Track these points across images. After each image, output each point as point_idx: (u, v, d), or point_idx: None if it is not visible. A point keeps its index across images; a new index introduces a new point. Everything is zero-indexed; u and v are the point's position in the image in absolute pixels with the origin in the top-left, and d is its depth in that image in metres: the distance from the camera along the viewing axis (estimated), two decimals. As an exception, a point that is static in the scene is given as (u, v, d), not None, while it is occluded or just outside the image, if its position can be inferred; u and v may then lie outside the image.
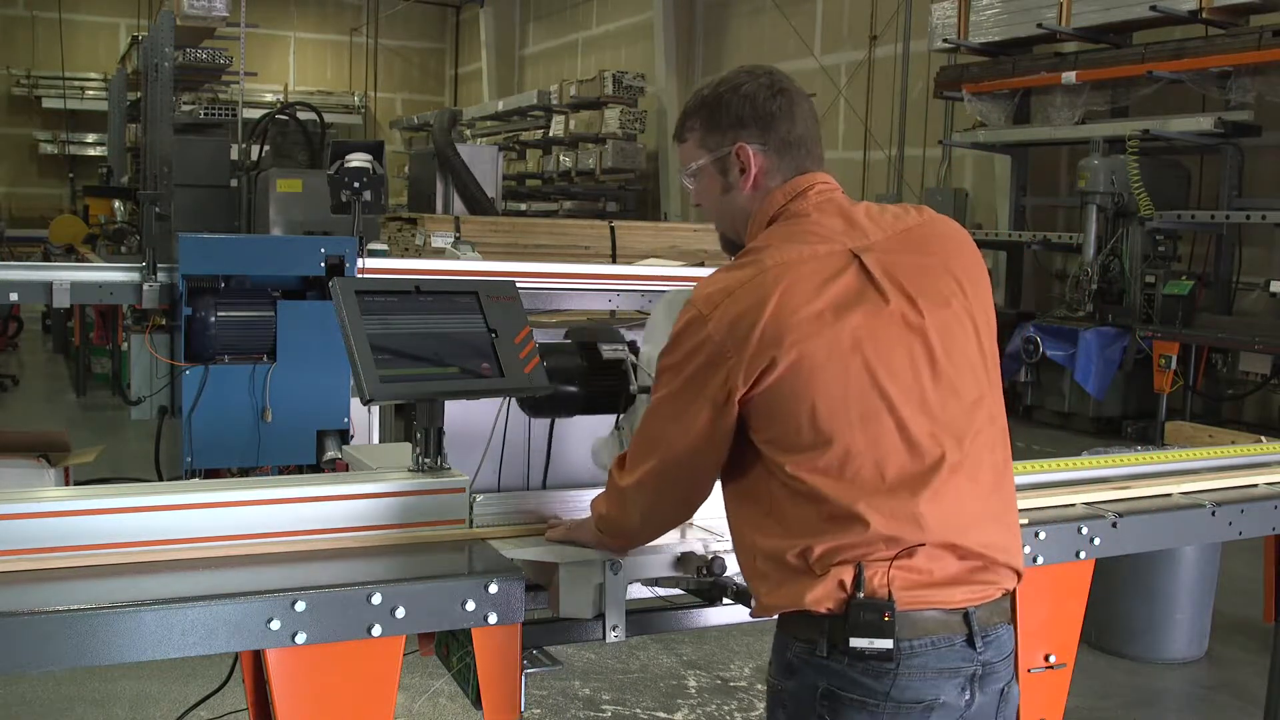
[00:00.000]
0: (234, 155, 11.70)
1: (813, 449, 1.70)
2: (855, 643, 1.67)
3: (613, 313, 5.59)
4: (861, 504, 1.68)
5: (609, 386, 2.28)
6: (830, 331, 1.70)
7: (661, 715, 4.05)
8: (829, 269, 1.74)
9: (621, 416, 2.31)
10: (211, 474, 4.74)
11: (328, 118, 13.47)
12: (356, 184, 5.65)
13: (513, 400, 2.31)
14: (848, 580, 1.68)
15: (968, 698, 1.75)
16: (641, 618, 2.15)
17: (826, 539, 1.69)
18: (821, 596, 1.69)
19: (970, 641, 1.73)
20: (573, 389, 2.26)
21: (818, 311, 1.70)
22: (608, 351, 2.32)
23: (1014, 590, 1.83)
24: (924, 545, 1.69)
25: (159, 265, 5.11)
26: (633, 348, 2.33)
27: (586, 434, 2.46)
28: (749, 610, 1.90)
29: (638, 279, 5.90)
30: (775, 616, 1.81)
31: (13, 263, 6.18)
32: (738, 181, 1.89)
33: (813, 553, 1.70)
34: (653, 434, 1.84)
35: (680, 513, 1.94)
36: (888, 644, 1.66)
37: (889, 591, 1.67)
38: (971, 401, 1.79)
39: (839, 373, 1.70)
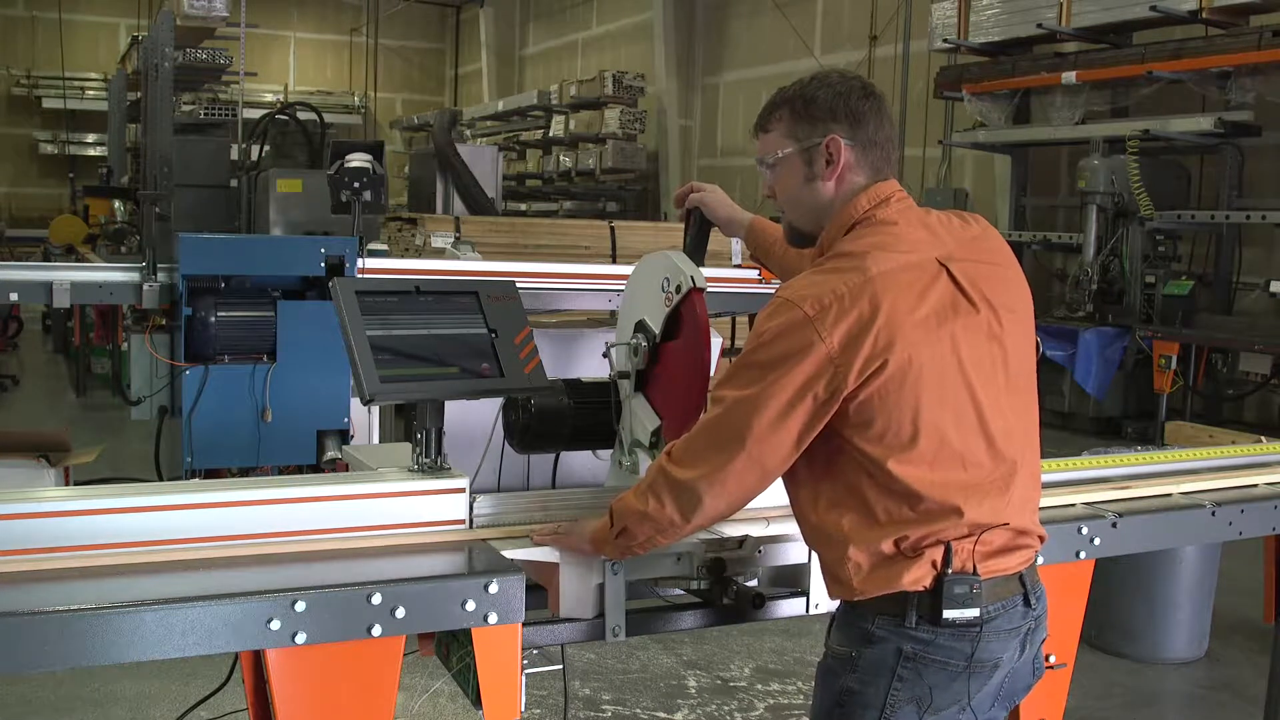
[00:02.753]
0: (234, 155, 11.69)
1: (910, 446, 1.80)
2: (949, 614, 1.81)
3: (613, 313, 5.58)
4: (955, 497, 1.82)
5: (597, 417, 2.30)
6: (934, 337, 1.82)
7: (661, 715, 4.05)
8: (925, 278, 1.85)
9: (620, 427, 2.31)
10: (211, 474, 4.73)
11: (328, 118, 13.45)
12: (356, 184, 5.65)
13: (513, 400, 2.32)
14: (938, 559, 1.82)
15: (1021, 652, 1.93)
16: (641, 618, 2.15)
17: (921, 528, 1.82)
18: (919, 577, 1.82)
19: (1027, 601, 1.91)
20: (562, 425, 2.30)
21: (923, 318, 1.81)
22: (588, 379, 2.37)
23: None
24: (1005, 524, 1.86)
25: (159, 265, 5.10)
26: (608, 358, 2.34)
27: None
28: (827, 592, 1.94)
29: (638, 279, 5.88)
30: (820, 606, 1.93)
31: (13, 263, 6.17)
32: (822, 173, 1.96)
33: (907, 540, 1.82)
34: (735, 429, 1.82)
35: (733, 509, 1.93)
36: (975, 612, 1.83)
37: (973, 565, 1.83)
38: (1027, 399, 1.97)
39: (939, 375, 1.82)
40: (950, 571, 1.81)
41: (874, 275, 1.80)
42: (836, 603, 1.96)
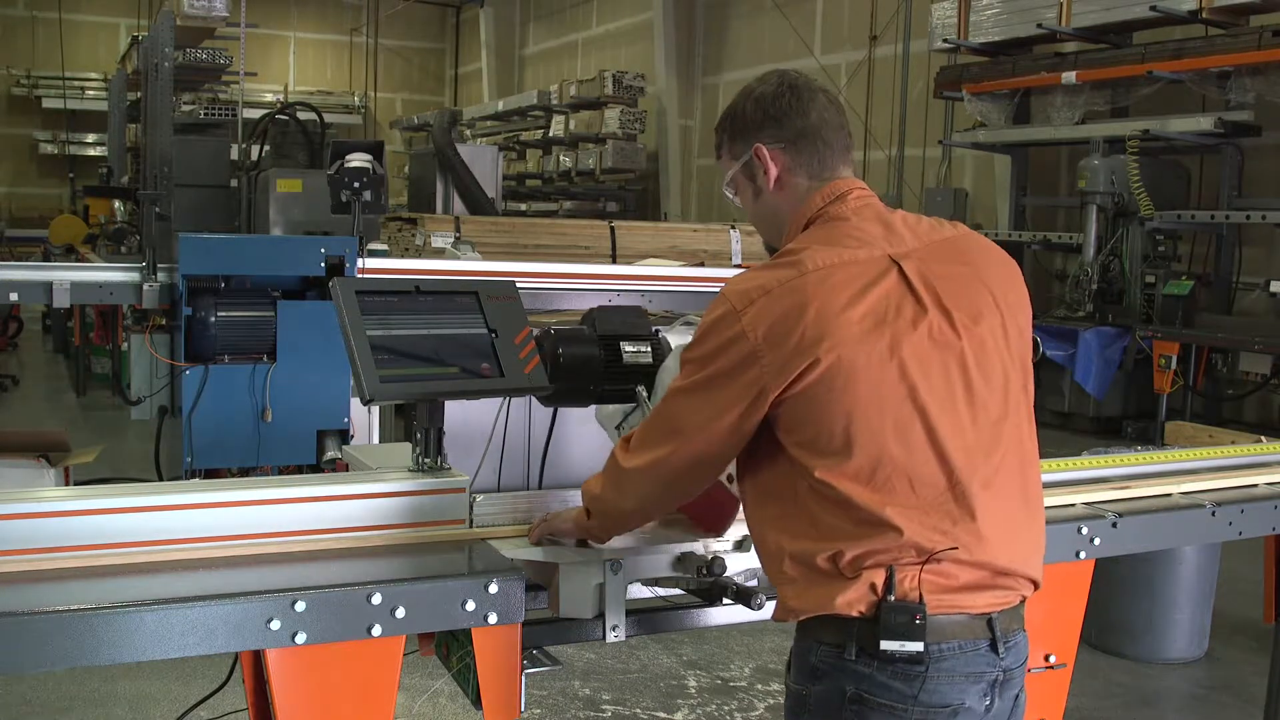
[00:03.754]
0: (234, 155, 11.69)
1: (844, 454, 1.70)
2: (886, 645, 1.67)
3: (612, 313, 5.58)
4: (893, 512, 1.69)
5: (623, 388, 2.26)
6: (870, 337, 1.70)
7: (661, 715, 4.05)
8: (869, 274, 1.75)
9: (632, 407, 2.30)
10: (211, 474, 4.74)
11: (328, 118, 13.46)
12: (356, 184, 5.65)
13: (513, 400, 2.31)
14: (879, 584, 1.69)
15: (988, 703, 1.76)
16: (641, 618, 2.15)
17: (858, 544, 1.70)
18: (853, 600, 1.69)
19: (994, 647, 1.75)
20: (586, 383, 2.24)
21: (858, 316, 1.71)
22: (629, 354, 2.27)
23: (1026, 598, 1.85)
24: (954, 549, 1.70)
25: (159, 265, 5.11)
26: (658, 345, 2.27)
27: (586, 434, 2.46)
28: (771, 613, 1.87)
29: (638, 279, 5.90)
30: (795, 621, 1.79)
31: (13, 263, 6.18)
32: (764, 183, 1.92)
33: (844, 557, 1.70)
34: (670, 422, 1.83)
35: (676, 503, 1.95)
36: (918, 646, 1.68)
37: (920, 595, 1.69)
38: (999, 416, 1.79)
39: (875, 380, 1.70)
40: (892, 598, 1.67)
41: (809, 270, 1.73)
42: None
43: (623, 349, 2.26)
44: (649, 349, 2.27)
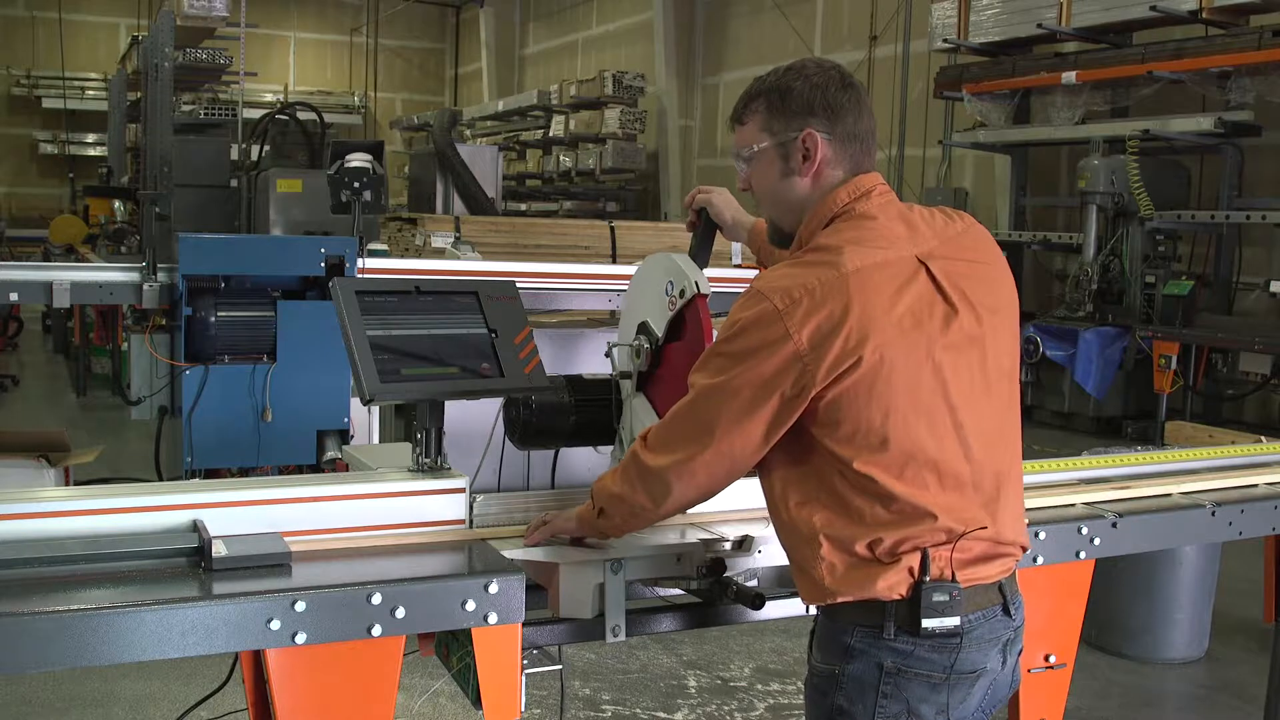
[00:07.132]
0: (234, 155, 11.69)
1: (880, 449, 1.76)
2: (927, 624, 1.76)
3: (613, 313, 5.58)
4: (927, 501, 1.77)
5: (597, 413, 2.29)
6: (909, 338, 1.77)
7: (661, 715, 4.05)
8: (902, 275, 1.80)
9: (620, 426, 2.31)
10: (211, 474, 4.73)
11: (328, 118, 13.45)
12: (356, 184, 5.65)
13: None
14: (915, 566, 1.77)
15: (1002, 662, 1.88)
16: (641, 618, 2.15)
17: (895, 530, 1.77)
18: (894, 584, 1.77)
19: (1006, 610, 1.87)
20: (562, 421, 2.28)
21: (898, 318, 1.76)
22: (589, 375, 2.36)
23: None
24: (982, 529, 1.81)
25: (159, 265, 5.10)
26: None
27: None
28: (800, 595, 1.91)
29: (638, 279, 5.88)
30: (824, 604, 1.85)
31: (13, 263, 6.18)
32: (799, 168, 1.92)
33: (882, 544, 1.77)
34: (705, 419, 1.82)
35: (704, 498, 1.93)
36: (955, 621, 1.78)
37: (952, 573, 1.79)
38: (1006, 404, 1.91)
39: (913, 378, 1.77)
40: (928, 579, 1.76)
41: (848, 272, 1.76)
42: (816, 616, 1.93)
43: (583, 376, 2.36)
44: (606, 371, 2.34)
